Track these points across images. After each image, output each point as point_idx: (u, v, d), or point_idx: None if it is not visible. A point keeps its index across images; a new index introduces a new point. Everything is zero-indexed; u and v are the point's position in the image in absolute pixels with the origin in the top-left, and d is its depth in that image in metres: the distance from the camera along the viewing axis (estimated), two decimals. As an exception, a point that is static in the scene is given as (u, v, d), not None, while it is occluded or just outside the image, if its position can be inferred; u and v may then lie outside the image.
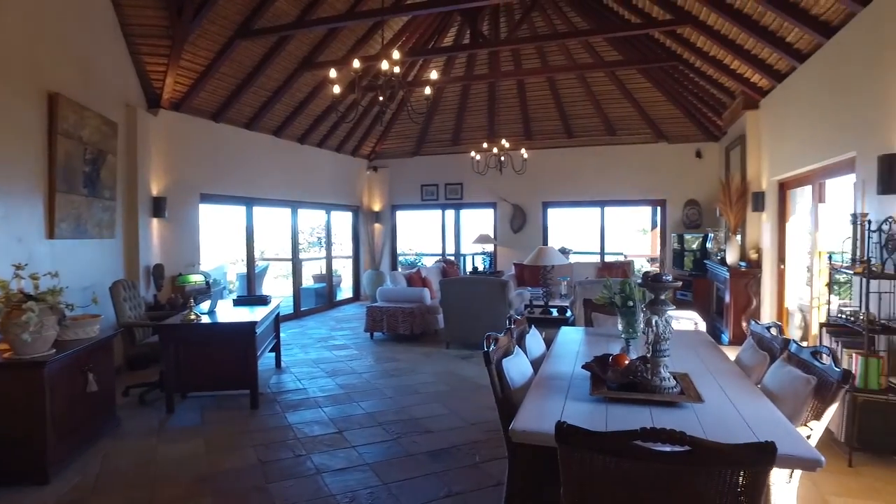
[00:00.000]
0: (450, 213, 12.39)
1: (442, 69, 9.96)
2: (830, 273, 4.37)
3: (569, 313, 6.93)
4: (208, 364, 4.77)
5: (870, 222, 3.91)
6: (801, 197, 6.34)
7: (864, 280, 3.76)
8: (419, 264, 15.23)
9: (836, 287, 7.11)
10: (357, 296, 12.15)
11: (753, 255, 7.25)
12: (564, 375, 2.95)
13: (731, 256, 7.35)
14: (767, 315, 6.90)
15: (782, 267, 6.72)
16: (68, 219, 5.18)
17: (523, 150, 8.97)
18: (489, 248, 11.93)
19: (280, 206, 9.66)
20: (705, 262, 8.98)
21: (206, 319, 4.91)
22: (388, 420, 4.60)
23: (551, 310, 7.01)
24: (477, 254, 13.73)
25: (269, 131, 9.16)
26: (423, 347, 7.39)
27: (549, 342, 4.02)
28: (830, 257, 4.35)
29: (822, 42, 5.13)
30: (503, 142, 8.80)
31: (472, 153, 8.96)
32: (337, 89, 5.08)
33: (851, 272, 4.01)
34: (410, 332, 7.71)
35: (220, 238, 11.21)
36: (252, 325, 4.78)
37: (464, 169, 11.71)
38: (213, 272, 8.73)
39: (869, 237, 3.87)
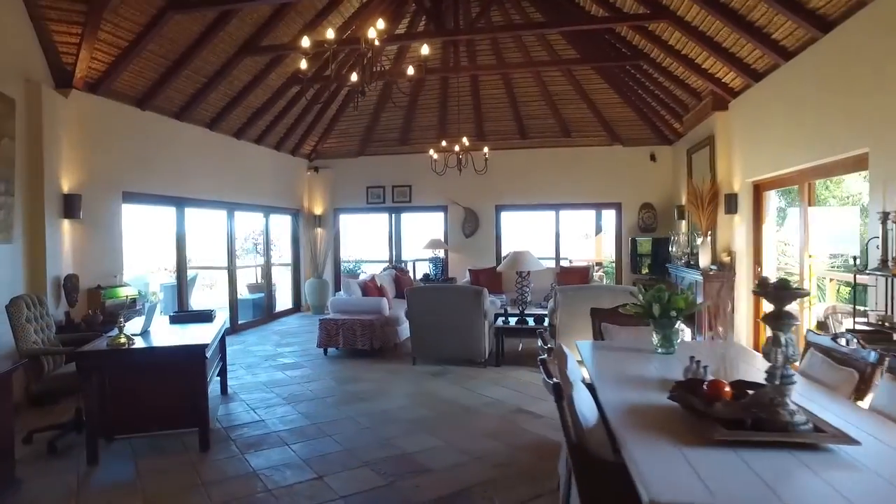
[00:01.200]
0: (398, 217, 11.64)
1: (393, 61, 9.24)
2: (854, 277, 4.07)
3: (546, 322, 6.41)
4: (145, 398, 3.81)
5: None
6: (784, 198, 6.17)
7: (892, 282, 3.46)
8: (359, 272, 14.40)
9: (819, 290, 7.07)
10: (298, 306, 11.11)
11: (725, 258, 7.06)
12: (644, 408, 2.34)
13: (704, 260, 7.13)
14: (744, 320, 6.69)
15: (759, 270, 6.53)
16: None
17: (486, 149, 8.41)
18: (438, 253, 11.28)
19: (215, 207, 8.55)
20: (667, 265, 8.79)
21: (140, 343, 3.93)
22: (374, 458, 3.81)
23: (527, 318, 6.46)
24: (422, 259, 13.07)
25: (203, 123, 8.06)
26: (386, 364, 6.61)
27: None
28: (856, 260, 4.05)
29: (818, 37, 4.89)
30: (464, 139, 8.20)
31: (431, 151, 8.30)
32: (304, 64, 4.25)
33: (882, 273, 3.70)
34: (370, 347, 6.90)
35: (144, 243, 9.86)
36: (202, 348, 3.86)
37: (413, 170, 11.03)
38: (132, 283, 7.50)
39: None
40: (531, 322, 6.38)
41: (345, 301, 7.51)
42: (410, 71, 4.65)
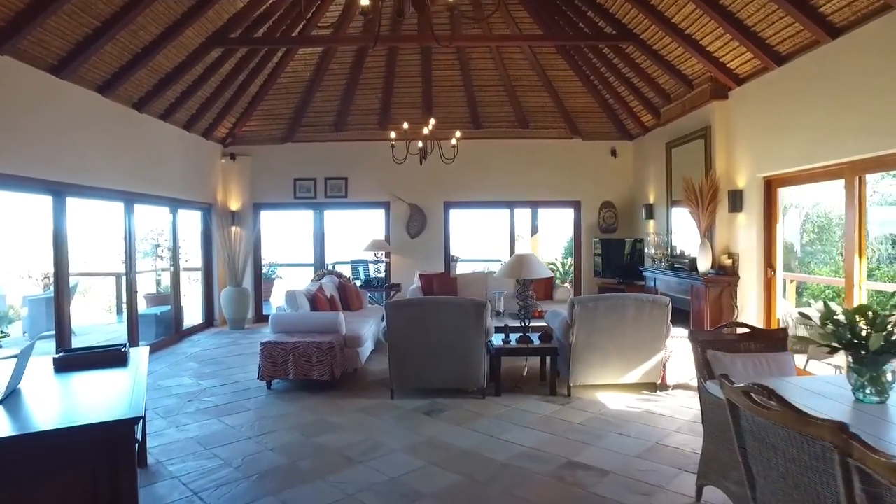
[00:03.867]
0: (331, 215, 9.97)
1: (336, 25, 7.61)
2: None
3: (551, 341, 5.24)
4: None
5: None
6: (818, 193, 5.46)
7: None
8: (274, 277, 12.51)
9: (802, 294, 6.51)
10: (210, 321, 9.09)
11: (726, 261, 6.32)
12: None
13: (704, 263, 6.33)
14: (752, 328, 5.96)
15: (772, 273, 5.83)
16: None
17: (458, 133, 7.09)
18: (380, 256, 9.79)
19: (108, 198, 6.47)
20: (642, 269, 8.01)
21: (2, 423, 2.18)
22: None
23: (531, 336, 5.25)
24: (346, 262, 11.53)
25: (93, 86, 5.96)
26: (355, 400, 5.08)
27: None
28: None
29: (881, 9, 4.16)
30: (431, 121, 6.83)
31: (392, 134, 6.83)
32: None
33: None
34: (331, 377, 5.32)
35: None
36: (128, 426, 2.20)
37: (349, 160, 9.48)
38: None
39: None
40: (536, 340, 5.18)
41: (291, 318, 5.85)
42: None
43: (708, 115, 6.57)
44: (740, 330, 3.28)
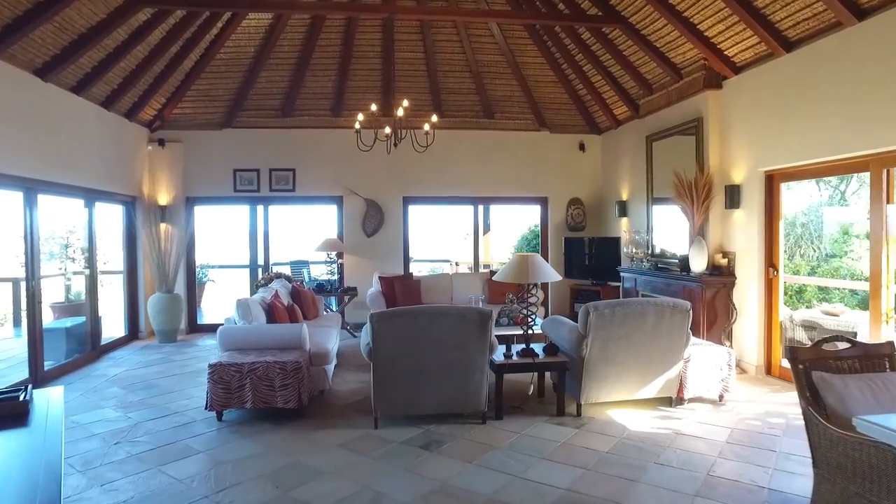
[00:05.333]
0: (277, 210, 8.83)
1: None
2: None
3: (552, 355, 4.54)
4: None
5: None
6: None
7: None
8: (205, 280, 11.17)
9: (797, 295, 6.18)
10: (135, 333, 7.73)
11: (721, 260, 5.90)
12: None
13: (698, 263, 5.87)
14: (751, 330, 5.56)
15: (775, 274, 5.44)
16: None
17: (434, 118, 6.25)
18: (313, 256, 8.78)
19: (4, 186, 5.12)
20: (619, 269, 7.51)
21: None
22: None
23: (532, 347, 4.54)
24: (285, 263, 10.42)
25: (-22, 41, 4.65)
26: (331, 431, 4.14)
27: None
28: None
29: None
30: (404, 102, 5.97)
31: (360, 116, 5.89)
32: None
33: None
34: (298, 404, 4.35)
35: None
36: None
37: (298, 150, 8.42)
38: None
39: None
40: (541, 354, 4.45)
41: (245, 333, 4.80)
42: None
43: (699, 105, 6.12)
44: (840, 344, 2.69)
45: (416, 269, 9.98)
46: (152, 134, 7.98)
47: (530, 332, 4.55)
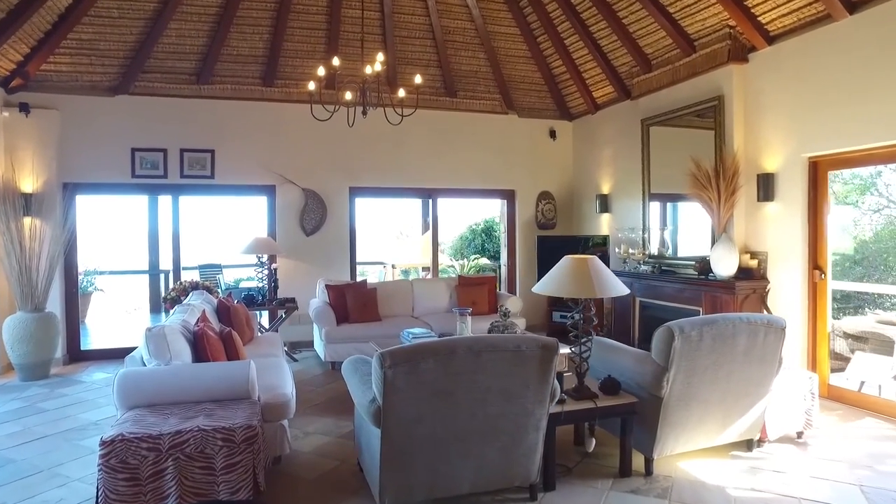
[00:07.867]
0: (190, 202, 6.91)
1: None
2: None
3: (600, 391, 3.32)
4: None
5: None
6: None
7: None
8: (91, 290, 8.97)
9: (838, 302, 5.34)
10: (-14, 367, 5.55)
11: (750, 262, 5.00)
12: None
13: (727, 265, 4.90)
14: (798, 344, 4.67)
15: (822, 277, 4.60)
16: None
17: (418, 78, 4.80)
18: (231, 260, 7.04)
19: None
20: (614, 272, 6.46)
21: None
22: None
23: (587, 386, 3.28)
24: (192, 268, 8.58)
25: None
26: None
27: None
28: None
29: None
30: (379, 56, 4.49)
31: (320, 70, 4.32)
32: None
33: None
34: (254, 491, 2.76)
35: None
36: None
37: (218, 125, 6.60)
38: None
39: None
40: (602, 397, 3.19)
41: (162, 380, 3.09)
42: None
43: (720, 82, 5.18)
44: None
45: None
46: (9, 96, 5.80)
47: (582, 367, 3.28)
